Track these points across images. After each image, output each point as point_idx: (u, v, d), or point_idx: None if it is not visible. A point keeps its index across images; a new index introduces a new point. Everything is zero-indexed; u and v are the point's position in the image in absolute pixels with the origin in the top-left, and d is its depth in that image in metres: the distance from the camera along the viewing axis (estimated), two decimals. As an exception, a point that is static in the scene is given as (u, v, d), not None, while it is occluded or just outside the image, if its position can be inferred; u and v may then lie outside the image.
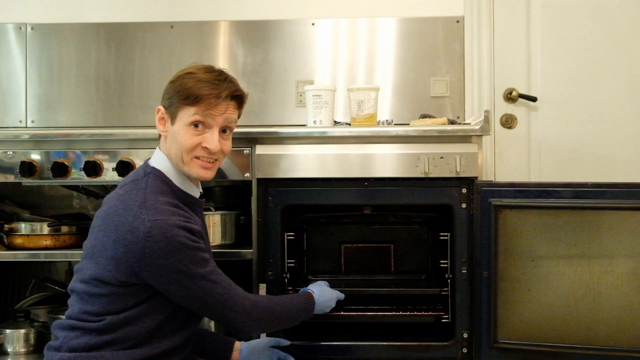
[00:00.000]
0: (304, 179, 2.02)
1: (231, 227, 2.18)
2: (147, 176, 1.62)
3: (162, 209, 1.54)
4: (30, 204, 2.50)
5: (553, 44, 2.72)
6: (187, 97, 1.59)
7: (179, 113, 1.61)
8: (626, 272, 1.91)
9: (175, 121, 1.62)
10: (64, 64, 2.74)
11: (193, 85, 1.59)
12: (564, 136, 2.73)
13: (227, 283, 1.61)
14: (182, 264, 1.52)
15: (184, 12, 2.74)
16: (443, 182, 2.01)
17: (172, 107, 1.62)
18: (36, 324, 2.20)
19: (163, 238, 1.50)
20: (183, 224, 1.54)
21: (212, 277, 1.58)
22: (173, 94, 1.62)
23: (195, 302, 1.58)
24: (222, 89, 1.60)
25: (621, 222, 1.93)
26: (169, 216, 1.54)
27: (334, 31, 2.73)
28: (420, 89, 2.70)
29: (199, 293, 1.56)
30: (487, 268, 1.96)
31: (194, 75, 1.62)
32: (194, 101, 1.59)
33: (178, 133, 1.61)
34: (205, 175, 1.65)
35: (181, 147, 1.61)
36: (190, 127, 1.60)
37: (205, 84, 1.59)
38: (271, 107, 2.72)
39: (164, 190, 1.61)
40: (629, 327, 1.90)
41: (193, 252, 1.54)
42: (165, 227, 1.51)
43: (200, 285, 1.56)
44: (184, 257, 1.52)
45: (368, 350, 2.03)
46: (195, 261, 1.54)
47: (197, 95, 1.58)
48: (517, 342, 1.96)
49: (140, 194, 1.57)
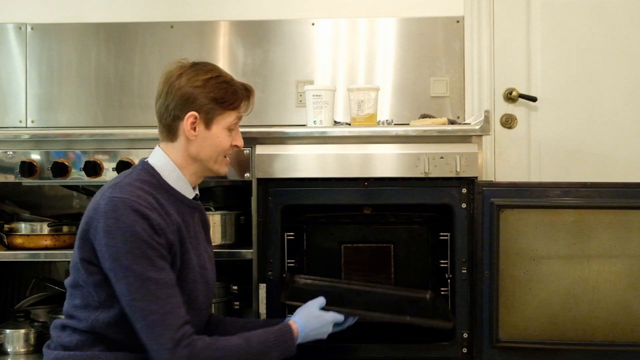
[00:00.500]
0: (304, 179, 2.02)
1: (231, 227, 2.18)
2: (135, 168, 1.65)
3: (128, 190, 1.52)
4: (30, 204, 2.49)
5: (553, 44, 2.72)
6: (229, 102, 1.66)
7: (217, 117, 1.66)
8: (623, 269, 1.95)
9: (212, 125, 1.65)
10: (64, 64, 2.74)
11: (233, 91, 1.67)
12: (564, 136, 2.73)
13: (171, 307, 1.46)
14: (123, 250, 1.45)
15: (184, 12, 2.74)
16: (443, 182, 2.01)
17: (210, 113, 1.64)
18: (36, 324, 2.20)
19: (113, 215, 1.48)
20: (144, 210, 1.49)
21: (152, 286, 1.45)
22: (209, 100, 1.64)
23: (127, 307, 1.47)
24: (250, 92, 1.72)
25: (619, 221, 1.96)
26: (131, 196, 1.50)
27: (334, 31, 2.73)
28: (420, 89, 2.70)
29: (131, 296, 1.45)
30: (489, 268, 1.96)
31: (224, 78, 1.67)
32: (235, 106, 1.68)
33: (217, 136, 1.66)
34: (226, 171, 1.74)
35: (219, 149, 1.67)
36: (227, 130, 1.68)
37: (241, 90, 1.69)
38: (271, 107, 2.72)
39: (148, 181, 1.59)
40: (625, 322, 1.95)
41: (140, 243, 1.46)
42: (120, 205, 1.48)
43: (133, 286, 1.45)
44: (127, 243, 1.45)
45: (368, 350, 2.02)
46: (139, 255, 1.46)
47: (236, 100, 1.68)
48: (519, 341, 1.97)
49: (119, 178, 1.59)
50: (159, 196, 1.58)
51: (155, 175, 1.62)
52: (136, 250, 1.46)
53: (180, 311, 1.48)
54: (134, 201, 1.50)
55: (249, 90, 1.72)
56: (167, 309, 1.46)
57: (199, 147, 1.66)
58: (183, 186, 1.67)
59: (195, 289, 1.63)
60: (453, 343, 2.01)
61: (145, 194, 1.54)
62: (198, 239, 1.71)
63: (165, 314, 1.45)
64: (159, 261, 1.49)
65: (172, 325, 1.45)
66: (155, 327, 1.45)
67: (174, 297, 1.49)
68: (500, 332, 1.97)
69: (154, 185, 1.60)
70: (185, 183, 1.67)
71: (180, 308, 1.49)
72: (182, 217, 1.63)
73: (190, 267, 1.62)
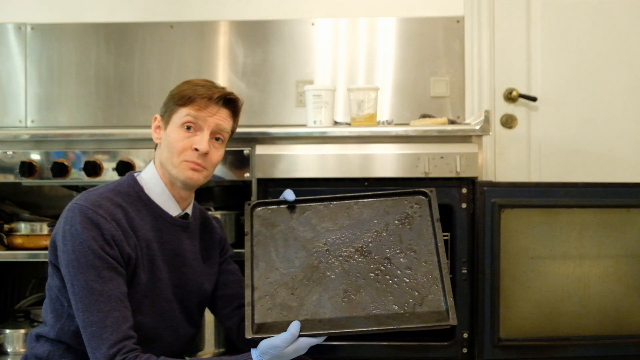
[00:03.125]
0: (304, 179, 2.02)
1: (231, 227, 2.18)
2: (121, 178, 1.64)
3: (91, 198, 1.50)
4: (30, 204, 2.49)
5: (553, 44, 2.72)
6: (181, 99, 1.59)
7: (173, 116, 1.60)
8: (613, 266, 2.02)
9: (168, 125, 1.61)
10: (64, 64, 2.74)
11: (187, 88, 1.61)
12: (564, 136, 2.73)
13: (111, 321, 1.42)
14: (73, 257, 1.44)
15: (184, 12, 2.74)
16: (443, 182, 2.01)
17: (167, 113, 1.62)
18: (36, 324, 2.20)
19: (69, 221, 1.47)
20: (98, 220, 1.46)
21: (95, 298, 1.42)
22: (169, 100, 1.63)
23: (75, 315, 1.46)
24: (214, 90, 1.61)
25: (618, 220, 2.01)
26: (91, 205, 1.48)
27: (334, 31, 2.73)
28: (420, 89, 2.70)
29: (76, 305, 1.44)
30: (490, 267, 1.97)
31: (190, 81, 1.64)
32: (186, 102, 1.59)
33: (170, 135, 1.59)
34: (193, 177, 1.59)
35: (172, 149, 1.58)
36: (182, 129, 1.58)
37: (199, 87, 1.61)
38: (271, 107, 2.72)
39: (124, 192, 1.57)
40: (613, 315, 2.02)
41: (87, 253, 1.44)
42: (77, 212, 1.47)
43: (78, 295, 1.44)
44: (77, 252, 1.44)
45: (368, 350, 2.03)
46: (86, 264, 1.44)
47: (190, 96, 1.59)
48: (517, 339, 2.00)
49: (100, 186, 1.58)
50: (130, 209, 1.55)
51: (135, 188, 1.60)
52: (83, 259, 1.44)
53: (122, 326, 1.43)
54: (91, 210, 1.47)
55: (213, 89, 1.61)
56: (107, 323, 1.42)
57: (161, 151, 1.62)
58: (166, 201, 1.61)
59: (170, 309, 1.60)
60: (453, 343, 2.01)
61: (112, 205, 1.51)
62: (183, 257, 1.64)
63: (104, 327, 1.41)
64: (106, 272, 1.45)
65: (109, 340, 1.41)
66: (93, 339, 1.42)
67: (117, 311, 1.43)
68: (500, 331, 1.98)
69: (130, 197, 1.57)
70: (168, 198, 1.62)
71: (123, 323, 1.43)
72: (158, 233, 1.59)
73: (161, 286, 1.58)
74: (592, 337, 2.01)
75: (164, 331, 1.59)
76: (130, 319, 1.46)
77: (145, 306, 1.54)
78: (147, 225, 1.57)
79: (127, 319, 1.45)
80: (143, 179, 1.62)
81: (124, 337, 1.42)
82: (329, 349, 2.01)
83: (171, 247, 1.62)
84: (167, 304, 1.59)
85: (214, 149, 1.62)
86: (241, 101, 1.68)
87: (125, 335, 1.43)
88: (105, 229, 1.46)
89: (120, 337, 1.41)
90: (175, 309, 1.62)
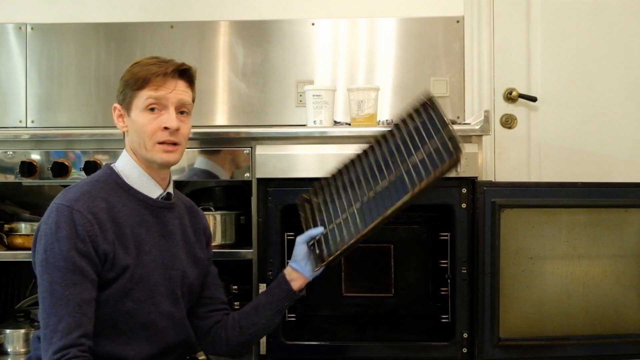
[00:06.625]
0: (304, 179, 2.02)
1: (231, 227, 2.18)
2: (96, 172, 1.65)
3: (69, 196, 1.51)
4: (30, 204, 2.49)
5: (553, 44, 2.72)
6: (136, 82, 1.58)
7: (133, 102, 1.59)
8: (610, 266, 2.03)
9: (131, 111, 1.60)
10: (64, 64, 2.74)
11: (139, 70, 1.59)
12: (564, 136, 2.73)
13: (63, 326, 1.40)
14: (42, 257, 1.45)
15: (184, 12, 2.75)
16: (443, 182, 2.00)
17: (126, 99, 1.61)
18: (36, 324, 2.20)
19: (45, 220, 1.48)
20: (72, 216, 1.46)
21: (54, 300, 1.42)
22: (124, 86, 1.62)
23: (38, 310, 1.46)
24: (167, 65, 1.60)
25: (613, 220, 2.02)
26: (67, 202, 1.48)
27: (334, 31, 2.73)
28: (420, 89, 2.68)
29: (39, 303, 1.45)
30: (490, 267, 1.97)
31: (139, 62, 1.63)
32: (143, 84, 1.58)
33: (136, 121, 1.59)
34: (170, 159, 1.60)
35: (142, 134, 1.58)
36: (146, 112, 1.58)
37: (151, 65, 1.59)
38: (271, 107, 2.72)
39: (103, 181, 1.58)
40: (612, 315, 2.03)
41: (54, 254, 1.44)
42: (53, 212, 1.48)
43: (40, 295, 1.45)
44: (47, 251, 1.45)
45: (368, 350, 2.03)
46: (51, 265, 1.44)
47: (145, 77, 1.58)
48: (517, 339, 2.00)
49: (80, 181, 1.59)
50: (111, 197, 1.55)
51: (112, 176, 1.60)
52: (52, 259, 1.44)
53: (72, 333, 1.41)
54: (67, 207, 1.48)
55: (164, 64, 1.59)
56: (59, 327, 1.41)
57: (131, 137, 1.62)
58: (145, 184, 1.62)
59: (160, 292, 1.59)
60: (453, 343, 2.01)
61: (91, 198, 1.51)
62: (172, 238, 1.64)
63: (55, 332, 1.41)
64: (71, 276, 1.44)
65: (55, 345, 1.40)
66: (44, 342, 1.42)
67: (72, 317, 1.42)
68: (500, 331, 1.98)
69: (108, 185, 1.58)
70: (148, 180, 1.62)
71: (74, 330, 1.41)
72: (143, 217, 1.59)
73: (150, 271, 1.57)
74: (591, 337, 2.01)
75: (157, 316, 1.58)
76: (84, 327, 1.44)
77: (136, 292, 1.54)
78: (130, 211, 1.57)
79: (81, 326, 1.43)
80: (119, 167, 1.63)
81: (70, 345, 1.40)
82: (329, 349, 2.01)
83: (157, 229, 1.62)
84: (156, 288, 1.58)
85: (182, 123, 1.61)
86: (194, 68, 1.67)
87: (73, 342, 1.41)
88: (79, 225, 1.46)
89: (67, 344, 1.40)
90: (165, 292, 1.61)
